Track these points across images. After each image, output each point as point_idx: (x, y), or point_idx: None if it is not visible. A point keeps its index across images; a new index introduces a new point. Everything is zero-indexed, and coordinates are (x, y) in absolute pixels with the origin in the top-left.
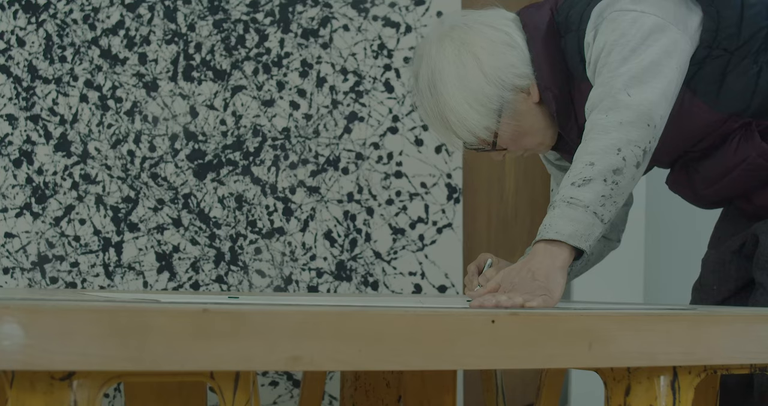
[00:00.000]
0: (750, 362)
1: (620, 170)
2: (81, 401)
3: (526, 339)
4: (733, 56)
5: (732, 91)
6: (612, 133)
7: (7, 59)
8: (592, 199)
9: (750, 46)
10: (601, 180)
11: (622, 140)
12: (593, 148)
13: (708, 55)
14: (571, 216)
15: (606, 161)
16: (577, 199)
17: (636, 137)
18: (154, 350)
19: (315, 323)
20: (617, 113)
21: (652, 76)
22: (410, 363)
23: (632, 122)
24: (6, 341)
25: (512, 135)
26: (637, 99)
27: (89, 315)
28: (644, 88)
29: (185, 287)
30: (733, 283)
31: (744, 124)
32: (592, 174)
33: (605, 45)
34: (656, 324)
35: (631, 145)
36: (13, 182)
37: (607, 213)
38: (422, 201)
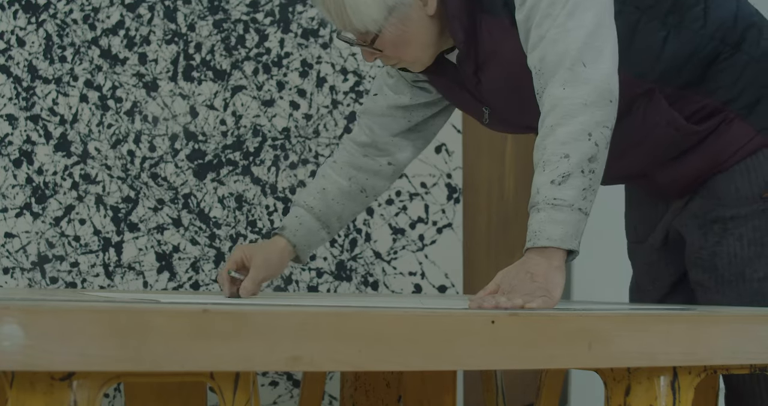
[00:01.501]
0: (750, 362)
1: (594, 157)
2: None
3: (526, 339)
4: (643, 15)
5: (638, 51)
6: (579, 117)
7: (7, 59)
8: (575, 196)
9: (661, 6)
10: (579, 172)
11: (590, 123)
12: (564, 136)
13: (620, 10)
14: (558, 219)
15: (580, 151)
16: (561, 200)
17: (602, 118)
18: (154, 351)
19: (315, 323)
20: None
21: (601, 39)
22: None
23: (595, 102)
24: (6, 342)
25: (394, 39)
26: (595, 72)
27: (89, 315)
28: (597, 56)
29: (185, 287)
30: (668, 279)
31: (648, 90)
32: (569, 168)
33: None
34: (656, 324)
35: (599, 127)
36: (13, 182)
37: (589, 204)
38: (422, 201)
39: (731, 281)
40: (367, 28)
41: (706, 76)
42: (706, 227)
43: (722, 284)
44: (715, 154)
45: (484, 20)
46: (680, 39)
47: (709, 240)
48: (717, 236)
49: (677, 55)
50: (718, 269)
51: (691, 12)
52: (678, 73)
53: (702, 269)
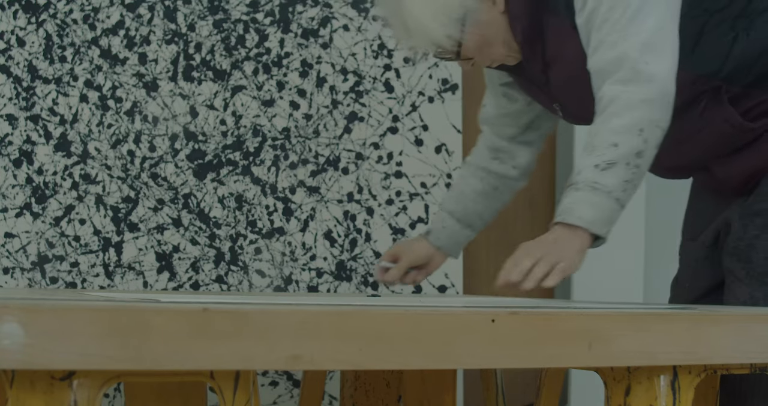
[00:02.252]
0: (750, 361)
1: (642, 153)
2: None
3: (526, 339)
4: (711, 18)
5: (705, 52)
6: (635, 112)
7: (7, 59)
8: (615, 185)
9: (731, 10)
10: (624, 164)
11: (644, 120)
12: (617, 126)
13: (686, 13)
14: (593, 202)
15: (629, 143)
16: (602, 185)
17: (658, 117)
18: (154, 350)
19: (315, 322)
20: (639, 87)
21: (662, 42)
22: (410, 363)
23: (655, 101)
24: (6, 341)
25: (477, 44)
26: (656, 71)
27: (89, 315)
28: (659, 57)
29: (185, 287)
30: (705, 281)
31: (714, 88)
32: (616, 157)
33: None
34: (656, 324)
35: (652, 126)
36: (13, 182)
37: (627, 198)
38: (422, 201)
39: (762, 276)
40: (445, 45)
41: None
42: (747, 218)
43: (753, 277)
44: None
45: (549, 21)
46: (749, 40)
47: (749, 232)
48: (758, 229)
49: (746, 56)
50: (752, 262)
51: (762, 17)
52: (747, 72)
53: (737, 258)
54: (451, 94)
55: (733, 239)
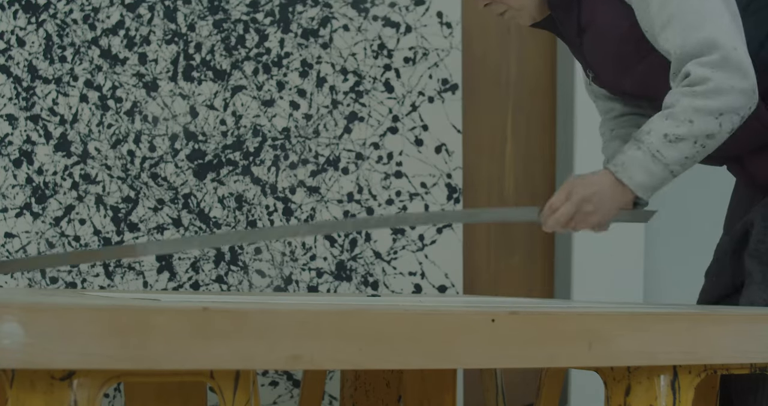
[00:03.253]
0: (750, 361)
1: (713, 135)
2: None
3: (526, 339)
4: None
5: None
6: (721, 97)
7: (7, 59)
8: (676, 159)
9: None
10: (692, 142)
11: (727, 107)
12: (700, 105)
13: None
14: (649, 168)
15: (705, 125)
16: (663, 155)
17: (740, 105)
18: (154, 349)
19: (315, 322)
20: (728, 74)
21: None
22: (410, 362)
23: (743, 90)
24: (6, 340)
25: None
26: (743, 58)
27: (89, 314)
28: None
29: (185, 287)
30: (730, 278)
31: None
32: (686, 133)
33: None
34: (656, 324)
35: (732, 113)
36: (13, 182)
37: (683, 170)
38: (422, 201)
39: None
40: None
41: None
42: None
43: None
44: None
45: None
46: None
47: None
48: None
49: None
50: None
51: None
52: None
53: (758, 260)
54: (451, 94)
55: (754, 240)
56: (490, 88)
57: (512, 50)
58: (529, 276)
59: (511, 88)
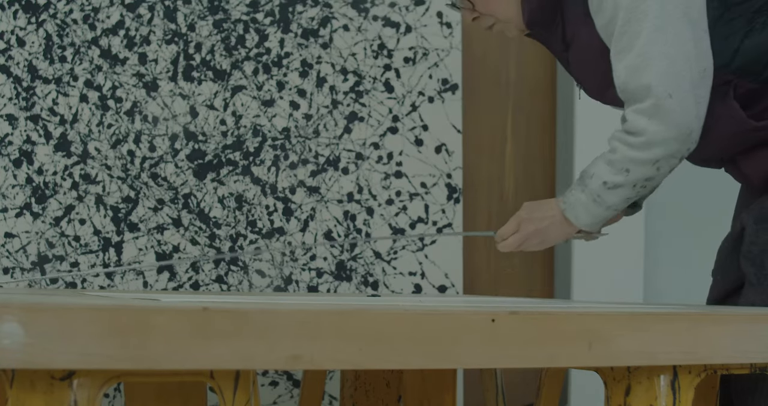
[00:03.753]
0: (750, 361)
1: (652, 178)
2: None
3: (526, 339)
4: (727, 11)
5: (714, 45)
6: (654, 149)
7: (7, 59)
8: (616, 202)
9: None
10: (631, 187)
11: (662, 155)
12: (634, 156)
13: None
14: (592, 211)
15: (641, 172)
16: (603, 200)
17: (675, 150)
18: (154, 349)
19: (315, 322)
20: (660, 125)
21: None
22: (410, 362)
23: (675, 138)
24: (6, 340)
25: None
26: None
27: (89, 314)
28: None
29: (185, 287)
30: (735, 274)
31: (725, 82)
32: (624, 181)
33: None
34: (656, 324)
35: (668, 158)
36: (13, 182)
37: (627, 204)
38: (422, 201)
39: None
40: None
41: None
42: (760, 223)
43: (765, 284)
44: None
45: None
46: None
47: (761, 237)
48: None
49: (759, 50)
50: (765, 268)
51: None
52: (763, 68)
53: (751, 262)
54: (451, 94)
55: (747, 242)
56: (490, 88)
57: (512, 50)
58: (529, 276)
59: (511, 88)
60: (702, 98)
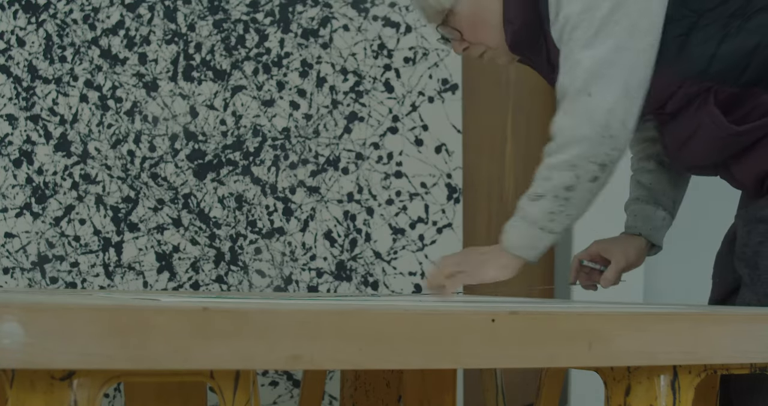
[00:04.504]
0: (750, 361)
1: (573, 187)
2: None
3: (526, 339)
4: (701, 19)
5: (690, 54)
6: (570, 150)
7: (7, 59)
8: (539, 216)
9: (724, 9)
10: (552, 196)
11: (578, 157)
12: (554, 162)
13: (672, 15)
14: (520, 229)
15: (560, 178)
16: (527, 214)
17: (591, 153)
18: (154, 349)
19: (315, 322)
20: (577, 122)
21: (615, 67)
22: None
23: (589, 138)
24: (6, 340)
25: (469, 16)
26: (597, 105)
27: (90, 314)
28: (605, 87)
29: (185, 287)
30: (732, 275)
31: (705, 89)
32: (544, 191)
33: (570, 17)
34: (656, 324)
35: (585, 161)
36: (13, 182)
37: (557, 225)
38: (422, 201)
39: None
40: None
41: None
42: (751, 224)
43: (758, 284)
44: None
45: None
46: (739, 38)
47: (753, 239)
48: (761, 236)
49: (736, 54)
50: (759, 268)
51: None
52: (741, 72)
53: (745, 263)
54: (451, 94)
55: (740, 244)
56: (490, 88)
57: None
58: (529, 276)
59: (511, 88)
60: (629, 105)
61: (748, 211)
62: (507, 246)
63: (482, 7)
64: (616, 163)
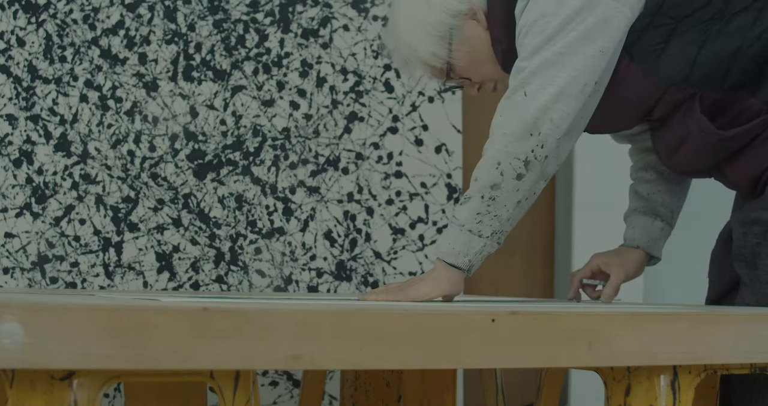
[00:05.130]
0: (750, 361)
1: (498, 185)
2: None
3: (526, 339)
4: (679, 25)
5: (670, 61)
6: (495, 145)
7: (7, 59)
8: (467, 218)
9: (703, 14)
10: (479, 197)
11: (502, 154)
12: (483, 160)
13: (650, 22)
14: (449, 234)
15: (485, 177)
16: (455, 218)
17: (515, 149)
18: (154, 349)
19: (315, 322)
20: (505, 118)
21: (557, 70)
22: (410, 362)
23: (514, 134)
24: (6, 340)
25: (467, 62)
26: (530, 103)
27: (89, 314)
28: (542, 88)
29: (185, 287)
30: (728, 274)
31: (690, 95)
32: (472, 191)
33: (526, 23)
34: (656, 324)
35: (510, 158)
36: (13, 182)
37: (487, 228)
38: (422, 201)
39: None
40: (434, 64)
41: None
42: (747, 226)
43: (757, 284)
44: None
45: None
46: (719, 42)
47: (749, 240)
48: (757, 237)
49: (717, 58)
50: (758, 268)
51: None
52: (724, 76)
53: (744, 264)
54: (451, 94)
55: (737, 246)
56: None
57: None
58: (529, 276)
59: None
60: (565, 107)
61: (742, 212)
62: (437, 253)
63: (475, 49)
64: (544, 164)
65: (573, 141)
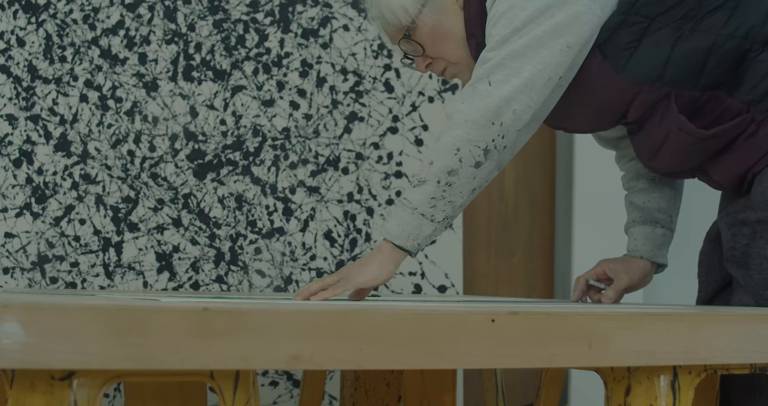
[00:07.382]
0: (750, 361)
1: (455, 171)
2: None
3: (526, 339)
4: (652, 23)
5: (644, 60)
6: (456, 131)
7: (7, 59)
8: (420, 201)
9: (676, 12)
10: (434, 182)
11: (462, 139)
12: (440, 144)
13: (623, 21)
14: (400, 216)
15: (442, 161)
16: (408, 201)
17: (477, 137)
18: (154, 349)
19: (315, 322)
20: (467, 106)
21: (523, 62)
22: (410, 362)
23: (476, 121)
24: (6, 340)
25: (430, 29)
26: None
27: (89, 314)
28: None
29: (185, 287)
30: (719, 273)
31: (665, 94)
32: (427, 175)
33: (495, 14)
34: (656, 324)
35: (470, 145)
36: (13, 182)
37: (439, 213)
38: None
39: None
40: (402, 19)
41: (736, 75)
42: (735, 227)
43: (752, 284)
44: (748, 156)
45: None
46: (692, 41)
47: (739, 241)
48: (746, 237)
49: (690, 56)
50: (750, 268)
51: (713, 17)
52: (698, 75)
53: (736, 265)
54: (451, 95)
55: (727, 247)
56: None
57: None
58: (529, 276)
59: None
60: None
61: (729, 214)
62: (386, 234)
63: (443, 21)
64: (502, 154)
65: (531, 134)
